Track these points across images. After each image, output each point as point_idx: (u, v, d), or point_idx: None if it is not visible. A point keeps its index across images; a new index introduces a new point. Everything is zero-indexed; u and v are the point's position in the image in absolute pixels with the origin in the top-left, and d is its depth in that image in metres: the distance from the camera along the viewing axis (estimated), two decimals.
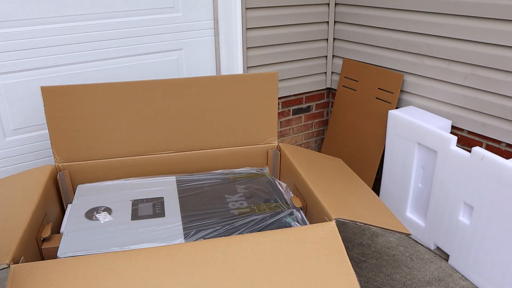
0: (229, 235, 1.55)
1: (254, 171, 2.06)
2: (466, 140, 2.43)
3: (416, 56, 2.55)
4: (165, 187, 1.88)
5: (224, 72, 2.78)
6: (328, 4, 2.94)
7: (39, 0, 2.13)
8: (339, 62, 3.05)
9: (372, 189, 2.97)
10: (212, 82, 2.02)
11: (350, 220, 1.49)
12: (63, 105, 1.86)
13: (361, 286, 2.19)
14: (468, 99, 2.34)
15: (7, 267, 1.23)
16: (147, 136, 2.01)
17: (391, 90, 2.68)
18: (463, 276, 2.25)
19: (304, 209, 1.79)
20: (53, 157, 1.94)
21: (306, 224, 1.67)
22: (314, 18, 2.91)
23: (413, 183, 2.50)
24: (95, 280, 1.21)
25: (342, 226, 2.69)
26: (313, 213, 1.69)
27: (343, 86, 3.02)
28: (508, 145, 2.24)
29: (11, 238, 1.42)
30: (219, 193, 1.85)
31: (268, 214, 1.69)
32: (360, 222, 1.50)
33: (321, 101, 3.25)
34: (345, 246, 1.37)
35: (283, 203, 1.78)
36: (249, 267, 1.29)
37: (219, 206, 1.75)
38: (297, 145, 3.23)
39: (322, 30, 2.99)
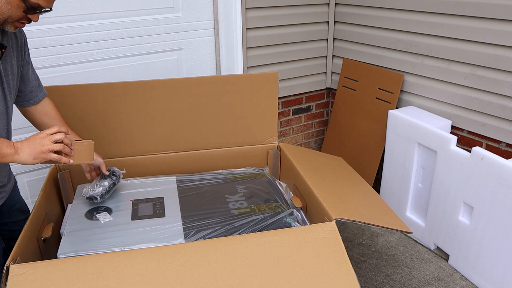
0: (229, 235, 1.55)
1: (254, 171, 2.06)
2: (466, 140, 2.43)
3: (416, 56, 2.55)
4: (165, 187, 1.88)
5: (224, 72, 2.78)
6: (328, 4, 2.94)
7: None
8: (339, 62, 3.05)
9: None
10: (212, 82, 2.02)
11: (350, 220, 1.49)
12: (62, 105, 1.86)
13: (361, 286, 2.19)
14: (468, 99, 2.34)
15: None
16: (147, 136, 2.01)
17: (391, 90, 2.68)
18: (463, 276, 2.25)
19: (304, 209, 1.79)
20: None
21: (306, 224, 1.67)
22: (314, 18, 2.91)
23: (413, 183, 2.50)
24: (95, 280, 1.21)
25: (342, 226, 2.68)
26: (313, 213, 1.69)
27: (343, 86, 3.02)
28: (508, 145, 2.24)
29: None
30: (219, 193, 1.85)
31: (268, 214, 1.68)
32: (360, 222, 1.50)
33: (321, 101, 3.25)
34: (345, 246, 1.38)
35: (283, 203, 1.78)
36: (249, 267, 1.29)
37: (219, 206, 1.75)
38: (297, 145, 3.23)
39: (322, 30, 2.99)
